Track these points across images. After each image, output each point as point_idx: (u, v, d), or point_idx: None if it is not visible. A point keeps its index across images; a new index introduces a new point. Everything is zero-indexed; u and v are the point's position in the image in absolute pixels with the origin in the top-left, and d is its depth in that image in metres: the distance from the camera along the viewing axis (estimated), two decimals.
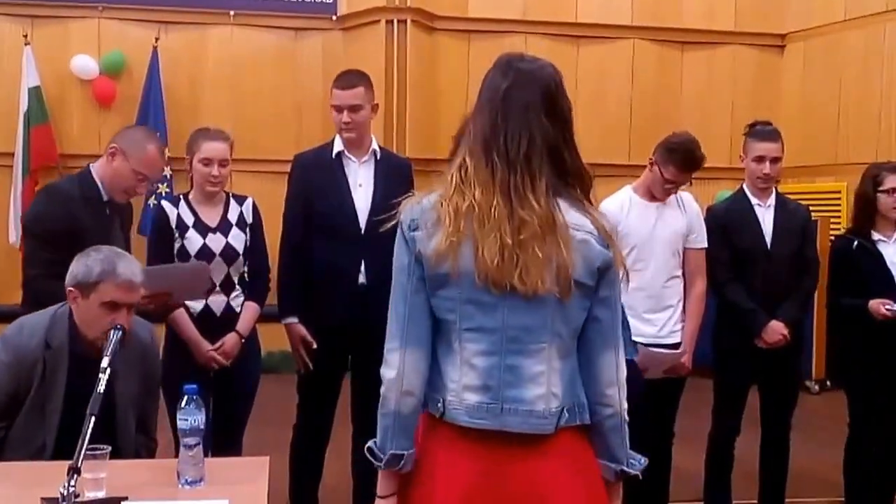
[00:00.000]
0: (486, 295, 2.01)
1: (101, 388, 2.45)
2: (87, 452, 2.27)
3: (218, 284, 3.87)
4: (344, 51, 9.08)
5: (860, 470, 4.39)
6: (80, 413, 2.58)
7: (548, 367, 2.03)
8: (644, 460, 2.19)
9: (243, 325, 3.94)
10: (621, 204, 4.15)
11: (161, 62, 8.65)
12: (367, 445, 2.09)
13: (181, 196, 3.97)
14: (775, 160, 4.23)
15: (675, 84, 9.52)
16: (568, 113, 2.13)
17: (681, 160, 4.02)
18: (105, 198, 3.69)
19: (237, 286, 3.94)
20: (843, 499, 4.55)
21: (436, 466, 2.06)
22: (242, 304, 3.96)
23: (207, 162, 3.83)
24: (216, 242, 3.86)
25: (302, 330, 4.04)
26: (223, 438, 3.86)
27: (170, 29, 8.87)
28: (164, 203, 3.95)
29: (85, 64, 8.67)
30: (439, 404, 2.06)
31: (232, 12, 8.92)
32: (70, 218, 3.47)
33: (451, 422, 2.05)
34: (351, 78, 4.05)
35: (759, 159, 4.24)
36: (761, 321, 4.17)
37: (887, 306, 4.12)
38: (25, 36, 8.51)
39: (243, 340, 3.94)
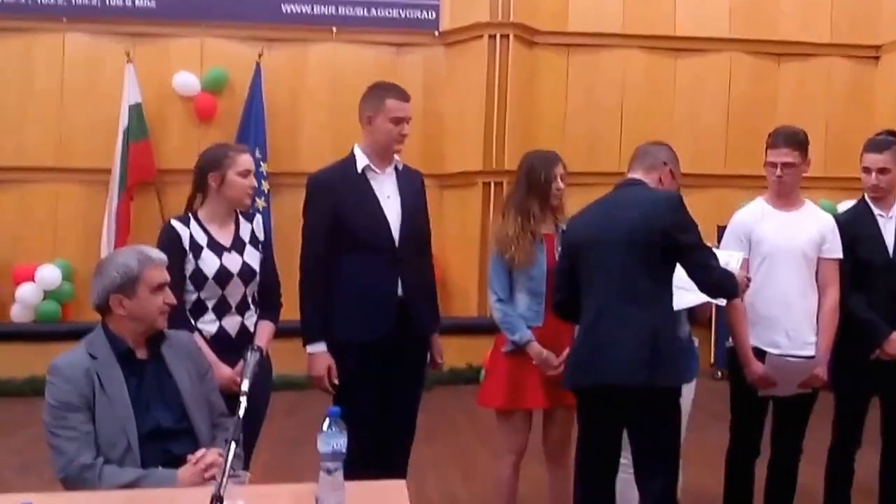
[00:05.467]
0: None
1: (241, 412, 2.49)
2: (228, 480, 2.25)
3: (234, 306, 3.73)
4: (446, 65, 9.20)
5: None
6: (150, 411, 2.94)
7: None
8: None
9: (261, 344, 3.73)
10: (753, 213, 4.14)
11: (263, 78, 8.75)
12: None
13: (190, 215, 3.75)
14: (881, 171, 4.17)
15: (771, 95, 9.54)
16: None
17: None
18: None
19: (251, 305, 3.79)
20: None
21: None
22: (256, 324, 3.81)
23: (247, 174, 3.72)
24: (233, 262, 3.70)
25: (330, 359, 3.87)
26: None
27: (272, 46, 8.97)
28: (175, 222, 3.72)
29: (187, 80, 8.79)
30: None
31: (334, 28, 9.04)
32: None
33: None
34: (402, 90, 3.95)
35: (866, 170, 4.21)
36: (882, 332, 4.12)
37: None
38: (128, 54, 8.63)
39: None
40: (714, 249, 3.78)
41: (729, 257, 3.76)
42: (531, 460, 4.22)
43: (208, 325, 3.68)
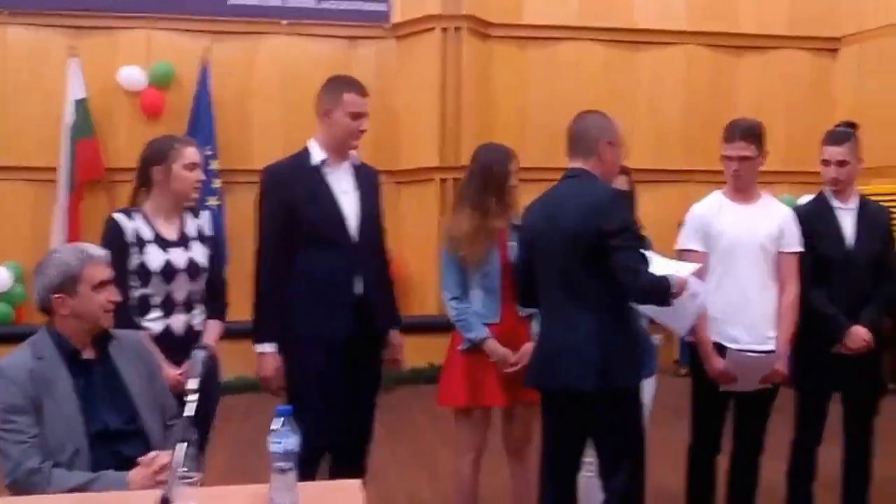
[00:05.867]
0: None
1: (192, 411, 2.45)
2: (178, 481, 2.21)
3: (180, 303, 3.66)
4: (398, 59, 9.05)
5: None
6: (98, 412, 2.89)
7: None
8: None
9: (210, 342, 3.70)
10: (711, 206, 4.07)
11: (212, 73, 8.54)
12: None
13: (135, 208, 3.69)
14: (840, 163, 4.14)
15: (730, 89, 9.49)
16: None
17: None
18: None
19: (198, 304, 3.73)
20: None
21: None
22: (204, 323, 3.75)
23: (193, 167, 3.67)
24: (179, 257, 3.64)
25: (279, 360, 3.77)
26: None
27: (221, 39, 8.77)
28: (118, 215, 3.64)
29: (133, 75, 8.56)
30: None
31: (284, 21, 8.85)
32: None
33: None
34: (362, 85, 3.89)
35: (825, 163, 4.19)
36: (843, 327, 4.08)
37: None
38: (72, 48, 8.38)
39: None
40: (665, 259, 3.67)
41: (681, 268, 3.60)
42: (494, 457, 4.15)
43: (154, 322, 3.61)
